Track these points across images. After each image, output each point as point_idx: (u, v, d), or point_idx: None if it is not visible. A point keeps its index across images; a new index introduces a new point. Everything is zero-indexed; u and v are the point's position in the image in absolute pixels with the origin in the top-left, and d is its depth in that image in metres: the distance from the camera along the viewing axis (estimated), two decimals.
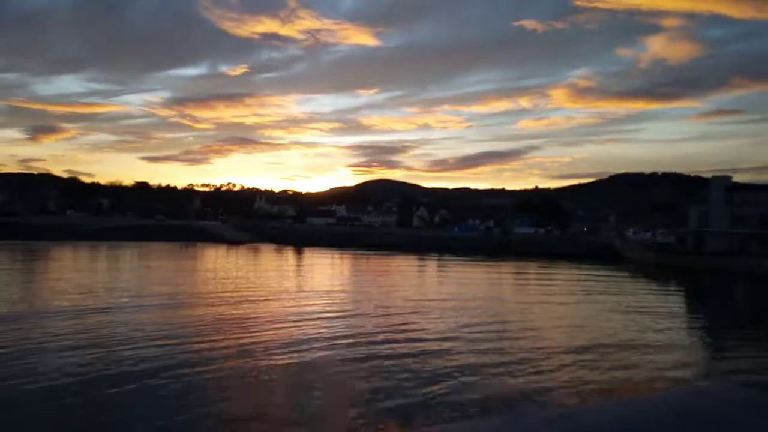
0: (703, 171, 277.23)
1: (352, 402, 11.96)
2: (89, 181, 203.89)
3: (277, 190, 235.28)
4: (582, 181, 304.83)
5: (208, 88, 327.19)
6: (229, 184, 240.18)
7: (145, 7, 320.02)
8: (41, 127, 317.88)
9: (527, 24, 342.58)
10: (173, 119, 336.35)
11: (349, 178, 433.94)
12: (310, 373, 14.04)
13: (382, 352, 16.55)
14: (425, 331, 20.05)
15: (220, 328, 19.40)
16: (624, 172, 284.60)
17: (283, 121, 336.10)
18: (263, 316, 22.49)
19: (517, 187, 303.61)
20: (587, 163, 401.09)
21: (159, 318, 20.96)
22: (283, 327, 20.11)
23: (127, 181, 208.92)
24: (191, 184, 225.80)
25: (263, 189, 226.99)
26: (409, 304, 26.65)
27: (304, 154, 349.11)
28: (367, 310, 24.71)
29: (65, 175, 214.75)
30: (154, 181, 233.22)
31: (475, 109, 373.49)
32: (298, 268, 49.20)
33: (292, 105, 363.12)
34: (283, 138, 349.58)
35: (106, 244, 67.06)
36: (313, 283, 36.17)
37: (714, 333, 23.56)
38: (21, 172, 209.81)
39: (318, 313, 23.24)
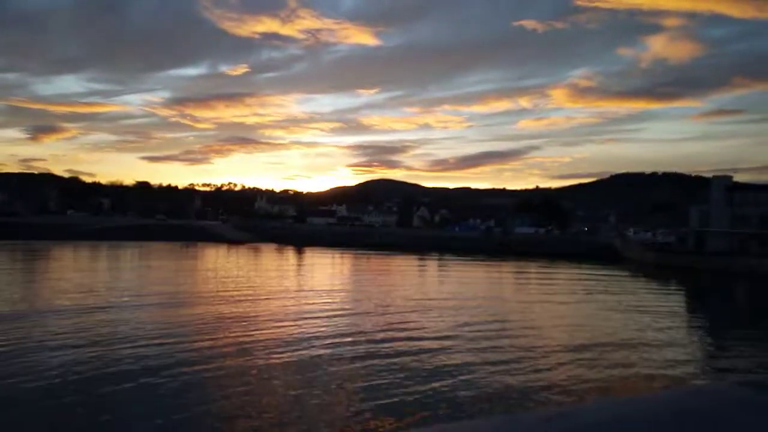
0: (704, 171, 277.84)
1: (351, 399, 11.96)
2: (90, 181, 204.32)
3: (277, 189, 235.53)
4: (582, 181, 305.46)
5: (208, 87, 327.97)
6: (229, 183, 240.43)
7: (146, 7, 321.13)
8: (42, 126, 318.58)
9: (527, 24, 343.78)
10: (174, 119, 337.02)
11: (350, 178, 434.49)
12: (310, 371, 14.04)
13: (382, 350, 16.56)
14: (425, 330, 20.06)
15: (220, 327, 19.42)
16: (624, 171, 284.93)
17: (283, 120, 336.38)
18: (263, 314, 22.50)
19: (518, 187, 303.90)
20: (587, 163, 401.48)
21: (159, 317, 20.97)
22: (283, 326, 20.12)
23: (128, 180, 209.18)
24: (192, 184, 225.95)
25: (264, 189, 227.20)
26: (409, 304, 26.65)
27: (304, 153, 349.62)
28: (367, 309, 24.72)
29: (66, 175, 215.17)
30: (154, 180, 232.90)
31: (475, 109, 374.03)
32: (299, 267, 49.21)
33: (293, 105, 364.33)
34: (284, 138, 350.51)
35: (107, 243, 67.07)
36: (314, 283, 36.17)
37: (713, 332, 23.55)
38: (21, 171, 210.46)
39: (318, 312, 23.25)
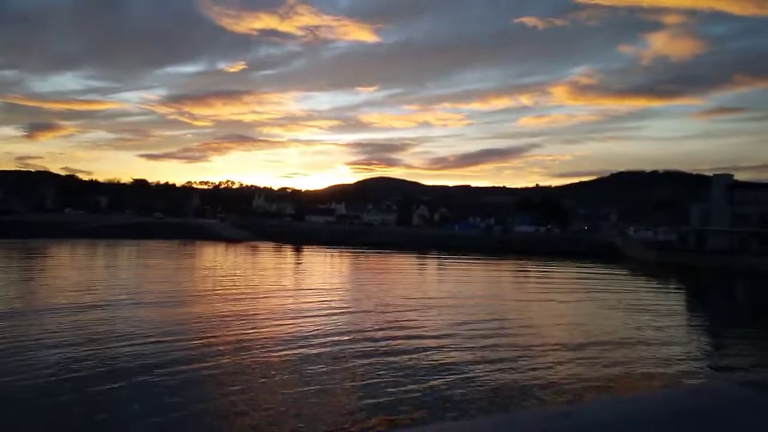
0: (705, 169, 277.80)
1: (349, 397, 11.89)
2: (87, 179, 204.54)
3: (275, 187, 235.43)
4: (583, 179, 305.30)
5: (206, 85, 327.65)
6: (227, 181, 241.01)
7: (143, 4, 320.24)
8: (39, 124, 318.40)
9: (527, 21, 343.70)
10: (171, 117, 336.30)
11: (349, 176, 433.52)
12: (308, 369, 13.97)
13: (380, 348, 16.50)
14: (424, 329, 19.99)
15: (218, 325, 19.34)
16: (625, 170, 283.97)
17: (281, 118, 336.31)
18: (261, 313, 22.43)
19: (518, 185, 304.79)
20: (588, 161, 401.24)
21: (156, 315, 20.89)
22: (280, 324, 20.04)
23: (126, 178, 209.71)
24: (190, 182, 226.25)
25: (262, 187, 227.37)
26: (408, 302, 26.58)
27: (303, 151, 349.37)
28: (365, 307, 24.64)
29: (63, 173, 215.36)
30: (152, 178, 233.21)
31: (475, 106, 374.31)
32: (297, 266, 49.16)
33: (291, 102, 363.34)
34: (282, 135, 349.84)
35: (104, 242, 66.94)
36: (312, 281, 36.09)
37: (713, 331, 23.49)
38: (18, 169, 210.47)
39: (316, 310, 23.18)
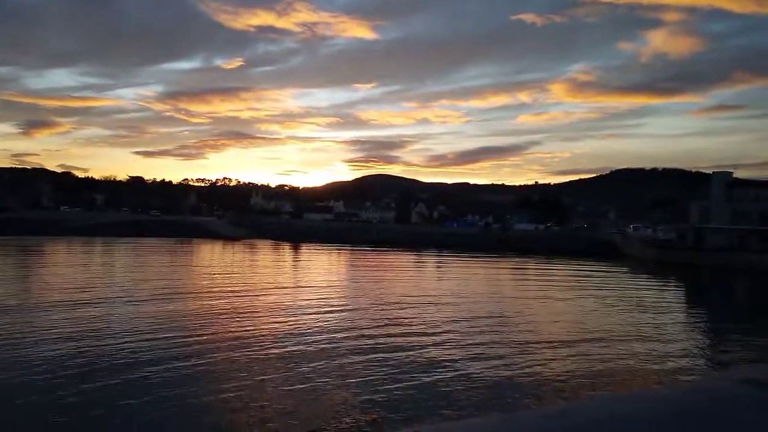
0: (704, 167, 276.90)
1: (346, 394, 11.82)
2: (83, 176, 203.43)
3: (273, 185, 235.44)
4: (582, 177, 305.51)
5: (203, 81, 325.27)
6: (224, 179, 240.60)
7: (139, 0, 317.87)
8: (34, 121, 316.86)
9: (526, 17, 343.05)
10: (168, 113, 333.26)
11: (347, 174, 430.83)
12: (305, 366, 13.92)
13: (378, 345, 16.44)
14: (421, 326, 19.93)
15: (215, 321, 19.30)
16: (625, 167, 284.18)
17: (279, 115, 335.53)
18: (259, 310, 22.37)
19: (517, 183, 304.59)
20: (587, 158, 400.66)
21: (152, 311, 20.78)
22: (278, 320, 20.00)
23: (122, 175, 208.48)
24: (186, 179, 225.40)
25: (259, 184, 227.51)
26: (406, 299, 26.50)
27: (300, 148, 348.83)
28: (363, 304, 24.57)
29: (59, 170, 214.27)
30: (148, 175, 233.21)
31: (473, 103, 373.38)
32: (295, 263, 49.07)
33: (289, 99, 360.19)
34: (280, 133, 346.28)
35: (100, 239, 66.77)
36: (310, 279, 36.00)
37: (713, 329, 23.41)
38: (14, 166, 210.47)
39: (314, 308, 23.10)
